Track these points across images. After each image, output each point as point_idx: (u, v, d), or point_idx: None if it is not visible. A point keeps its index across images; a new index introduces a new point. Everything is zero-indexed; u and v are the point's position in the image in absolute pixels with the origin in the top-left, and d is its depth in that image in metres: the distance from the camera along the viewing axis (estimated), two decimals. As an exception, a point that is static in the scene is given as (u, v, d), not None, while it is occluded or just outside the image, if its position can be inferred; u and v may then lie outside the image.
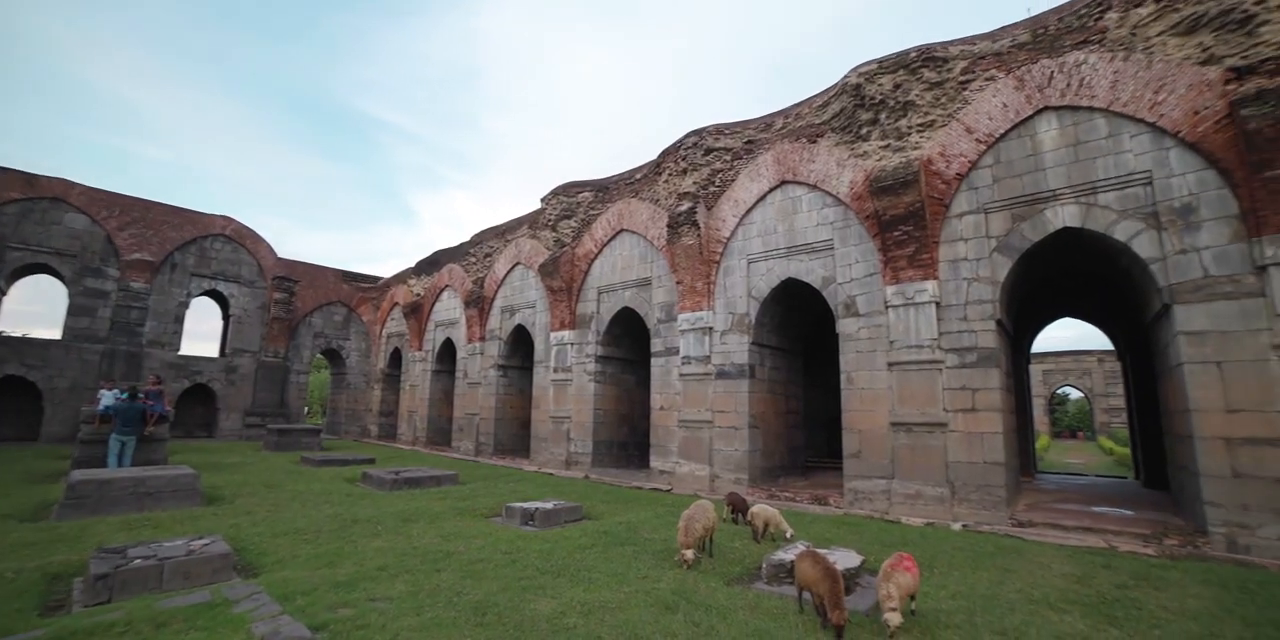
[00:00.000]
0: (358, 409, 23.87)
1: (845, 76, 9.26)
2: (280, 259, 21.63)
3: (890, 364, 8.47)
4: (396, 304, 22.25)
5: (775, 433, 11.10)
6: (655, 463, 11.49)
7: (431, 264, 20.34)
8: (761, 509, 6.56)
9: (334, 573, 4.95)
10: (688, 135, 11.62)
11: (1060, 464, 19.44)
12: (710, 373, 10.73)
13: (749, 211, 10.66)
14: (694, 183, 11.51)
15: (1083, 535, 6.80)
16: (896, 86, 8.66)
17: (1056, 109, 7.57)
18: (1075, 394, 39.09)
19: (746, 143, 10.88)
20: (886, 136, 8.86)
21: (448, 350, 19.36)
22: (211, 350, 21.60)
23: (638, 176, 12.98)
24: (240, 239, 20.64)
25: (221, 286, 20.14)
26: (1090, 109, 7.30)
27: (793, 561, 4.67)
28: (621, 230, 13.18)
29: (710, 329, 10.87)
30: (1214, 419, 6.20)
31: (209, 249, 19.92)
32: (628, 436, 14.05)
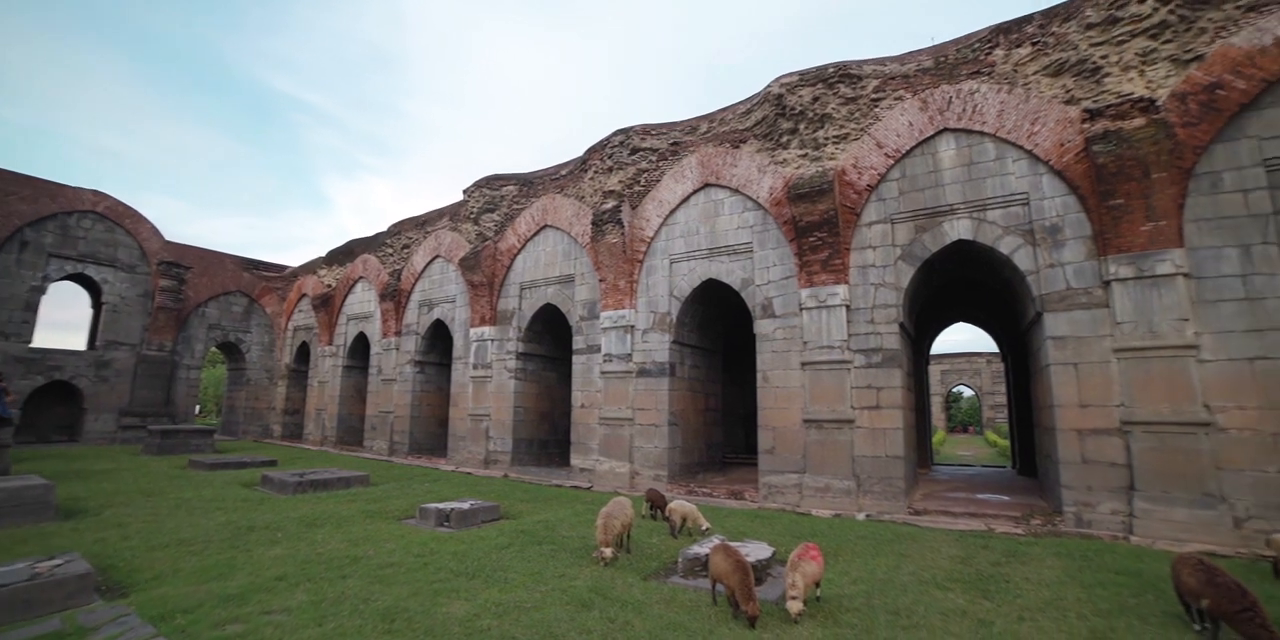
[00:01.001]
0: (259, 407, 22.07)
1: (768, 86, 9.63)
2: (169, 243, 19.56)
3: (804, 364, 8.92)
4: (305, 295, 20.78)
5: (695, 430, 11.39)
6: (576, 460, 11.46)
7: (345, 254, 19.16)
8: (679, 505, 6.72)
9: (224, 586, 4.58)
10: (615, 134, 11.64)
11: (953, 456, 21.26)
12: (632, 371, 10.84)
13: (673, 212, 10.85)
14: (619, 181, 11.56)
15: (968, 520, 7.49)
16: (815, 99, 9.12)
17: (954, 131, 8.27)
18: (968, 392, 42.84)
19: (672, 144, 11.06)
20: (805, 146, 9.31)
21: (360, 345, 18.32)
22: (78, 342, 19.20)
23: (563, 172, 12.86)
24: (117, 218, 18.42)
25: (91, 270, 17.86)
26: (982, 133, 8.04)
27: (707, 555, 4.83)
28: (545, 226, 13.02)
29: (632, 327, 10.97)
30: (1071, 413, 7.06)
31: (74, 227, 17.54)
32: (548, 434, 13.92)
